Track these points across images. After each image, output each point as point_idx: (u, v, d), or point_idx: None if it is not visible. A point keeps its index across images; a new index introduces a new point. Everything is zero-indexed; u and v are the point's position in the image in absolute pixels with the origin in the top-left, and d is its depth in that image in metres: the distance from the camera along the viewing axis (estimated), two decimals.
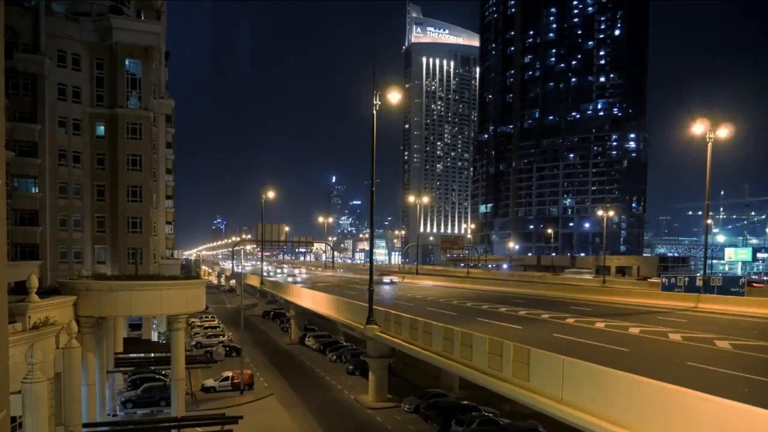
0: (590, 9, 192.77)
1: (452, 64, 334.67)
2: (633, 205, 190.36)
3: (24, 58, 44.11)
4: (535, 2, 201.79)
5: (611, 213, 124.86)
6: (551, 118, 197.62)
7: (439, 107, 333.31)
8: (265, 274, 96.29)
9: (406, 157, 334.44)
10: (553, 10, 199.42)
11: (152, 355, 44.66)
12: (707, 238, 56.21)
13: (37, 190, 45.59)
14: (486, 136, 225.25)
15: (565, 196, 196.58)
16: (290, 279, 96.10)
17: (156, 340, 54.83)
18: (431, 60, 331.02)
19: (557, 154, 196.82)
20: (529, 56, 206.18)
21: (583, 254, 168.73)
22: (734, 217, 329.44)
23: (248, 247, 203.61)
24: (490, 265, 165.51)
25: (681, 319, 36.72)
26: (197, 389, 43.43)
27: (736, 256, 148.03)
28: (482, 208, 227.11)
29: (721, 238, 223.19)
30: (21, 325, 20.75)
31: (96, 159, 48.96)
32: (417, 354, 30.99)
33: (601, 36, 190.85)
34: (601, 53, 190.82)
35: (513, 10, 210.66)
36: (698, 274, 57.63)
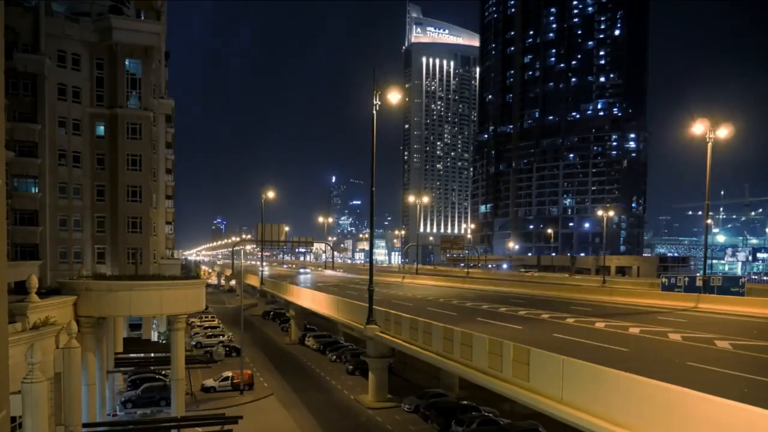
0: (590, 9, 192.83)
1: (452, 64, 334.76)
2: (633, 205, 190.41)
3: (24, 58, 44.09)
4: (535, 2, 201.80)
5: (611, 213, 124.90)
6: (551, 118, 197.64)
7: (439, 107, 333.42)
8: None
9: (406, 157, 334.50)
10: (553, 10, 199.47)
11: (152, 355, 44.65)
12: (707, 238, 56.18)
13: (37, 190, 45.58)
14: (486, 136, 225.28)
15: (565, 196, 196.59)
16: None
17: (156, 340, 54.82)
18: (431, 60, 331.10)
19: (557, 154, 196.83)
20: (529, 56, 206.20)
21: (583, 254, 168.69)
22: (734, 217, 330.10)
23: (248, 247, 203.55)
24: (490, 265, 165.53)
25: (681, 319, 36.71)
26: (197, 389, 43.43)
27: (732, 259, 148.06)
28: (482, 208, 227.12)
29: (721, 238, 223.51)
30: (21, 325, 20.73)
31: (96, 159, 48.95)
32: (417, 354, 30.99)
33: (601, 36, 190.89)
34: (601, 53, 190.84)
35: (513, 10, 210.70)
36: (698, 274, 57.62)
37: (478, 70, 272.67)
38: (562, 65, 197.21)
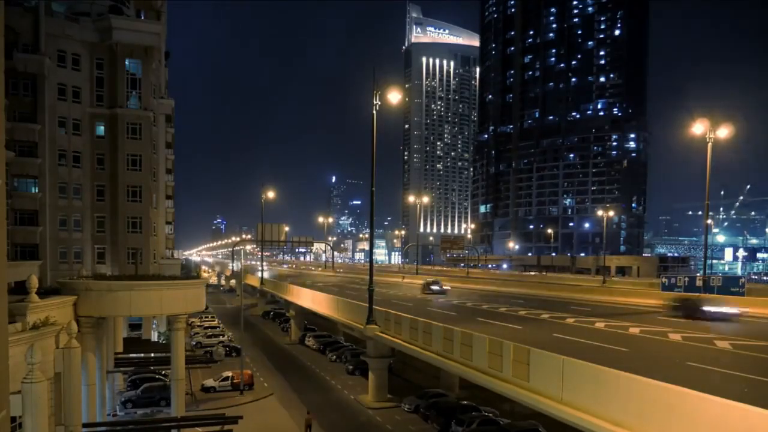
0: (590, 9, 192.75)
1: (452, 64, 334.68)
2: (633, 205, 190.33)
3: (24, 58, 44.11)
4: (535, 2, 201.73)
5: (611, 213, 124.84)
6: (551, 118, 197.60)
7: (439, 107, 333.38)
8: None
9: (406, 157, 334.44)
10: (553, 10, 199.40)
11: (152, 355, 44.65)
12: (707, 238, 56.17)
13: (37, 190, 45.59)
14: (486, 136, 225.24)
15: (565, 196, 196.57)
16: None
17: (156, 340, 54.83)
18: (431, 60, 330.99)
19: (557, 154, 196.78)
20: (529, 56, 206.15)
21: (583, 254, 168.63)
22: (734, 217, 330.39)
23: (248, 247, 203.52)
24: (489, 265, 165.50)
25: (681, 319, 36.71)
26: (197, 389, 43.43)
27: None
28: (482, 208, 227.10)
29: (721, 238, 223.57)
30: (21, 325, 20.73)
31: (96, 159, 48.96)
32: (417, 354, 31.00)
33: (601, 36, 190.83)
34: (601, 53, 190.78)
35: (513, 10, 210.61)
36: (698, 274, 57.61)
37: (478, 70, 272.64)
38: (562, 65, 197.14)
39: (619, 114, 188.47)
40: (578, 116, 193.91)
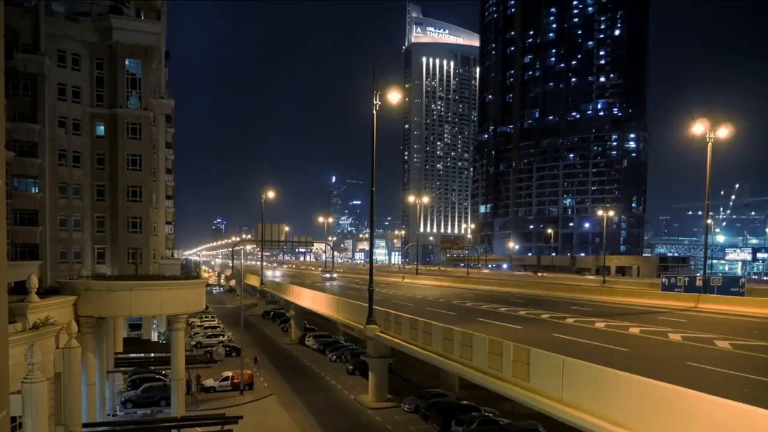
0: (590, 9, 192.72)
1: (452, 64, 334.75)
2: (633, 205, 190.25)
3: (24, 58, 44.10)
4: (535, 2, 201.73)
5: (611, 213, 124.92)
6: (551, 118, 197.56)
7: (439, 107, 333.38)
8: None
9: (406, 157, 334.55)
10: (553, 10, 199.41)
11: (152, 355, 44.65)
12: (707, 238, 56.15)
13: (37, 190, 45.56)
14: (486, 136, 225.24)
15: (565, 196, 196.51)
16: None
17: (156, 340, 54.83)
18: (431, 60, 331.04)
19: (557, 154, 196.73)
20: (529, 56, 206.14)
21: (583, 254, 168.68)
22: (734, 217, 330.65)
23: (248, 247, 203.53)
24: (490, 265, 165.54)
25: (681, 319, 36.71)
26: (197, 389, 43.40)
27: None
28: (482, 208, 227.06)
29: (721, 238, 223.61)
30: (21, 325, 20.73)
31: (96, 159, 48.92)
32: (417, 354, 30.99)
33: (601, 36, 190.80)
34: (601, 53, 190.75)
35: (513, 10, 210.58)
36: (698, 274, 57.61)
37: (478, 70, 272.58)
38: (562, 65, 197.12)
39: (619, 114, 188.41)
40: (578, 116, 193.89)
